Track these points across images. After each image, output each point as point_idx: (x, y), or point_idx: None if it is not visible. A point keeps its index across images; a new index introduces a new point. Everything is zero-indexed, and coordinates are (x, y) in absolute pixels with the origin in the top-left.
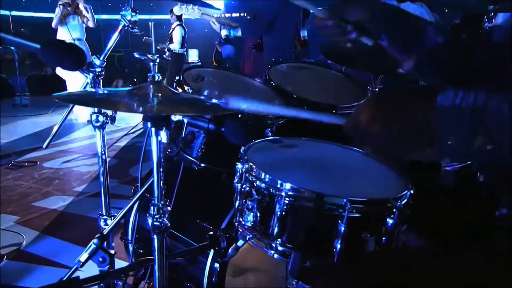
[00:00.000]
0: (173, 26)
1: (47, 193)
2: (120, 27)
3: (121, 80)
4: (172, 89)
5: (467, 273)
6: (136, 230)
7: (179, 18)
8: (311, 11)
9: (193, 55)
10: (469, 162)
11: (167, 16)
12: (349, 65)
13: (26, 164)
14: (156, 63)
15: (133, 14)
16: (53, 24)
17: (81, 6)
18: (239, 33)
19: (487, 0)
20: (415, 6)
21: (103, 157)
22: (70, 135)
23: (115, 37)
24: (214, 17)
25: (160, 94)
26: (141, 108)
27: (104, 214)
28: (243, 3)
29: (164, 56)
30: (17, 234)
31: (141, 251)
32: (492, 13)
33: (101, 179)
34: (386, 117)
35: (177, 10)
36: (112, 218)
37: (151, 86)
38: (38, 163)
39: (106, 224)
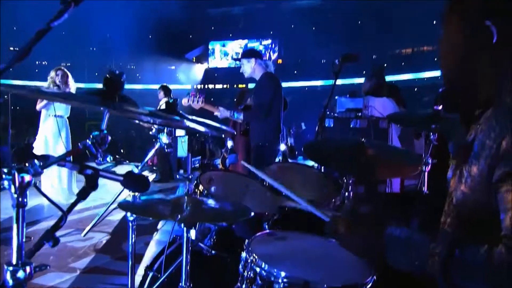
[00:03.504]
0: (160, 103)
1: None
2: (156, 147)
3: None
4: (199, 199)
5: None
6: None
7: (167, 93)
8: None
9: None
10: None
11: (153, 86)
12: (326, 165)
13: None
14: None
15: (168, 137)
16: (38, 107)
17: (70, 80)
18: (241, 117)
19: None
20: (384, 99)
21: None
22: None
23: (151, 153)
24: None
25: (191, 204)
26: (179, 216)
27: None
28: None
29: (150, 133)
30: None
31: None
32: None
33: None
34: (355, 235)
35: (185, 101)
36: None
37: (186, 197)
38: (32, 238)
39: None
